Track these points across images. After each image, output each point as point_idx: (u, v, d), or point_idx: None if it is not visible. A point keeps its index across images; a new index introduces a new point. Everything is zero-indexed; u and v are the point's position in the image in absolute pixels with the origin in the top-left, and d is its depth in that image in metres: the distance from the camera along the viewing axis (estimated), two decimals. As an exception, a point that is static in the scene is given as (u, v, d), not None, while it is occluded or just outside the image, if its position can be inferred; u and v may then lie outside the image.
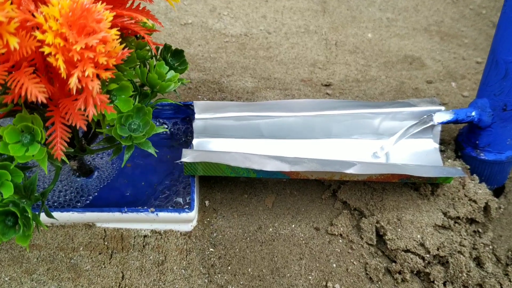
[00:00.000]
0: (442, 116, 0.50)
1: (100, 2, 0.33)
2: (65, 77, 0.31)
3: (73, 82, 0.31)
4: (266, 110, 0.51)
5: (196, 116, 0.50)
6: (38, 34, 0.30)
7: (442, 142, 0.57)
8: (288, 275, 0.47)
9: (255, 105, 0.52)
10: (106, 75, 0.33)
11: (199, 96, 0.63)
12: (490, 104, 0.48)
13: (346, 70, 0.71)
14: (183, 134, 0.56)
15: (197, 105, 0.51)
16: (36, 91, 0.32)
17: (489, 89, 0.48)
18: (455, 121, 0.50)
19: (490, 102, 0.48)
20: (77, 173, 0.51)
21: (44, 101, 0.31)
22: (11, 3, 0.30)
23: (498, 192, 0.58)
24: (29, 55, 0.31)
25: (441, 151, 0.55)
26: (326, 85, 0.68)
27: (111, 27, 0.33)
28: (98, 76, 0.32)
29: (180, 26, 0.75)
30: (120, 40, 0.34)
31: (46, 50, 0.30)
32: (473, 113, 0.50)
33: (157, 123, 0.56)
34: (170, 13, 0.77)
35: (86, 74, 0.31)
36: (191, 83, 0.65)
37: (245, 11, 0.80)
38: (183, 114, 0.56)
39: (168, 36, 0.73)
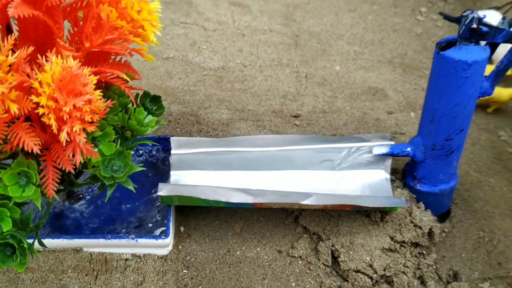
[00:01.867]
0: (380, 149, 0.57)
1: (86, 66, 0.39)
2: (56, 132, 0.37)
3: (63, 137, 0.37)
4: (236, 146, 0.58)
5: (172, 151, 0.57)
6: (34, 98, 0.36)
7: (394, 172, 0.64)
8: (252, 293, 0.53)
9: (226, 141, 0.59)
10: (91, 128, 0.39)
11: (178, 129, 0.69)
12: (423, 143, 0.55)
13: (314, 102, 0.78)
14: (161, 163, 0.62)
15: (173, 141, 0.57)
16: (32, 144, 0.38)
17: (422, 129, 0.55)
18: (391, 154, 0.57)
19: (422, 141, 0.55)
20: (67, 200, 0.57)
21: (39, 152, 0.38)
22: (10, 68, 0.36)
23: (445, 215, 0.65)
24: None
25: (392, 180, 0.61)
26: (295, 116, 0.75)
27: (97, 83, 0.39)
28: (84, 129, 0.39)
29: (162, 60, 0.81)
30: (102, 97, 0.40)
31: (41, 111, 0.36)
32: (408, 149, 0.56)
33: (140, 152, 0.62)
34: (154, 48, 0.83)
35: (74, 129, 0.37)
36: (171, 116, 0.71)
37: (223, 45, 0.86)
38: (163, 145, 0.63)
39: (151, 70, 0.79)
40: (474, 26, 0.46)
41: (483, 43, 0.49)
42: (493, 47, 0.50)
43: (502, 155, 0.75)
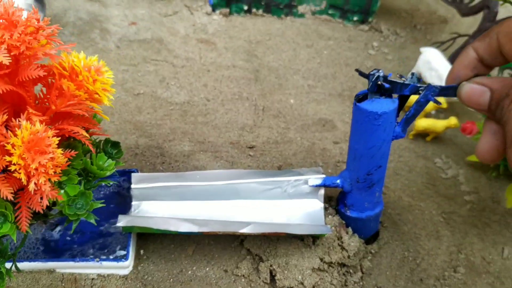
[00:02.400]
0: (314, 181, 0.67)
1: (52, 125, 0.49)
2: (26, 184, 0.47)
3: (31, 187, 0.46)
4: (189, 180, 0.67)
5: (132, 186, 0.66)
6: (7, 157, 0.46)
7: (329, 200, 0.73)
8: (200, 308, 0.63)
9: (180, 175, 0.68)
10: (55, 178, 0.48)
11: (144, 161, 0.78)
12: (349, 176, 0.64)
13: (268, 133, 0.87)
14: (127, 192, 0.71)
15: (134, 176, 0.67)
16: (7, 192, 0.47)
17: (348, 165, 0.64)
18: (323, 185, 0.66)
19: (349, 174, 0.64)
20: (47, 227, 0.66)
21: (12, 199, 0.47)
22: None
23: (375, 238, 0.75)
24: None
25: (325, 208, 0.71)
26: (250, 147, 0.84)
27: (61, 137, 0.48)
28: (49, 179, 0.48)
29: (133, 96, 0.91)
30: (67, 147, 0.50)
31: (12, 168, 0.46)
32: (338, 181, 0.65)
33: (110, 183, 0.72)
34: (126, 84, 0.93)
35: (40, 181, 0.47)
36: (138, 149, 0.81)
37: (189, 80, 0.96)
38: (128, 176, 0.72)
39: (122, 105, 0.89)
40: (379, 82, 0.53)
41: (396, 95, 0.57)
42: (405, 98, 0.57)
43: (436, 181, 0.85)
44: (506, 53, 0.46)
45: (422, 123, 0.88)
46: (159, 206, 0.67)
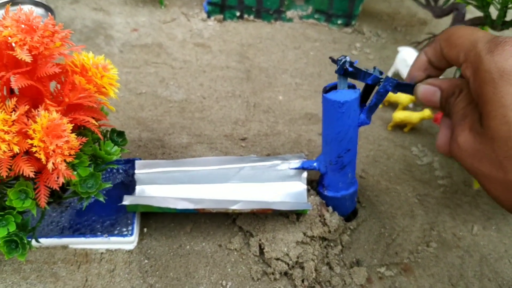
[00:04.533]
0: (294, 164, 0.74)
1: (66, 115, 0.57)
2: (45, 163, 0.55)
3: (49, 166, 0.54)
4: (186, 166, 0.75)
5: (136, 171, 0.74)
6: (29, 140, 0.54)
7: (310, 182, 0.81)
8: (197, 277, 0.70)
9: (178, 162, 0.76)
10: (69, 159, 0.57)
11: (146, 152, 0.87)
12: (323, 159, 0.71)
13: (259, 126, 0.96)
14: (131, 178, 0.79)
15: (138, 163, 0.75)
16: (28, 171, 0.55)
17: (323, 149, 0.70)
18: (302, 168, 0.73)
19: (323, 157, 0.71)
20: (59, 208, 0.75)
21: (33, 176, 0.55)
22: (13, 122, 0.54)
23: (354, 216, 0.83)
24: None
25: (308, 190, 0.79)
26: (242, 139, 0.92)
27: (73, 126, 0.57)
28: (65, 160, 0.57)
29: (136, 95, 1.00)
30: (78, 135, 0.58)
31: (34, 149, 0.54)
32: (315, 164, 0.72)
33: (120, 171, 0.80)
34: (129, 85, 1.02)
35: (57, 161, 0.55)
36: (141, 142, 0.89)
37: (187, 81, 1.04)
38: (132, 164, 0.81)
39: (126, 103, 0.97)
40: (345, 67, 0.59)
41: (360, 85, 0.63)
42: (370, 88, 0.63)
43: (412, 167, 0.93)
44: (445, 56, 0.55)
45: (399, 115, 0.96)
46: (160, 189, 0.75)
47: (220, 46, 1.16)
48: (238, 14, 1.24)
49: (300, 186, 0.77)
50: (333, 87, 0.64)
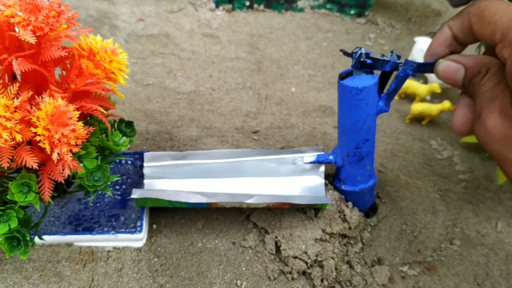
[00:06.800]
0: (309, 158, 0.70)
1: (72, 103, 0.53)
2: (50, 153, 0.51)
3: (54, 156, 0.50)
4: (197, 159, 0.71)
5: (145, 164, 0.70)
6: (33, 129, 0.50)
7: (328, 177, 0.77)
8: (210, 276, 0.66)
9: (189, 154, 0.72)
10: (76, 150, 0.53)
11: (154, 145, 0.83)
12: (340, 152, 0.68)
13: (271, 119, 0.92)
14: (140, 169, 0.75)
15: (146, 156, 0.71)
16: (31, 162, 0.51)
17: (339, 141, 0.67)
18: (317, 162, 0.70)
19: (340, 150, 0.68)
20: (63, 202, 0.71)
21: (37, 168, 0.51)
22: (16, 109, 0.50)
23: (374, 212, 0.79)
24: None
25: (326, 184, 0.75)
26: (254, 132, 0.88)
27: (80, 115, 0.53)
28: (71, 150, 0.53)
29: (142, 87, 0.95)
30: (85, 125, 0.54)
31: (38, 138, 0.50)
32: (331, 157, 0.69)
33: (129, 162, 0.76)
34: (135, 76, 0.98)
35: (63, 151, 0.51)
36: (148, 134, 0.85)
37: (195, 72, 1.00)
38: (140, 156, 0.77)
39: (132, 95, 0.93)
40: (362, 59, 0.56)
41: (378, 72, 0.60)
42: (388, 74, 0.59)
43: (431, 161, 0.89)
44: (475, 33, 0.50)
45: (417, 107, 0.92)
46: (169, 183, 0.71)
47: (229, 37, 1.12)
48: (247, 3, 1.21)
49: (317, 180, 0.73)
50: (349, 73, 0.60)
